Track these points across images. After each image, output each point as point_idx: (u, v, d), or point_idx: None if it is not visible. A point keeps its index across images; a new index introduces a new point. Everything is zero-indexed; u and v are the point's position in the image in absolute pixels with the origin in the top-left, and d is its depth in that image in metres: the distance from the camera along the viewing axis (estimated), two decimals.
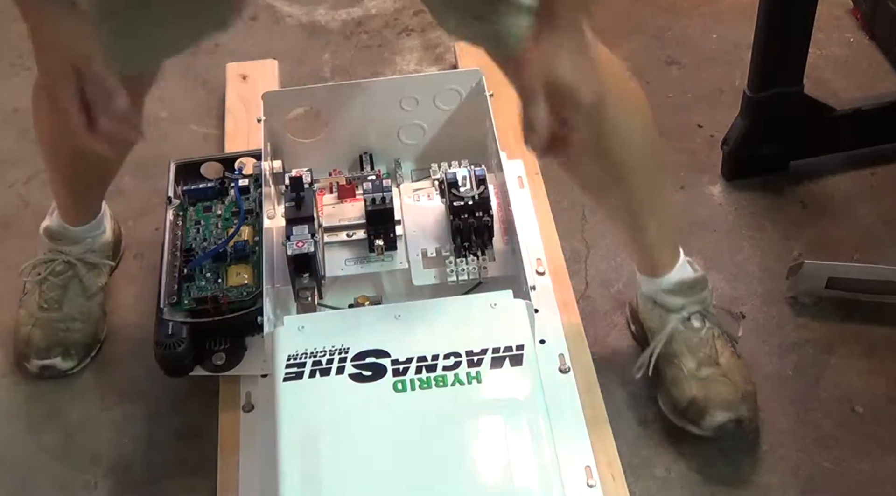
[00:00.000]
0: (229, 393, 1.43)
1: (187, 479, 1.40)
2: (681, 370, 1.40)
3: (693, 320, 1.42)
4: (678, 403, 1.40)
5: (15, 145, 1.87)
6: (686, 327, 1.42)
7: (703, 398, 1.37)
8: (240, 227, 1.47)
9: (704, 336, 1.41)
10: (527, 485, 1.16)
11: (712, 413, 1.37)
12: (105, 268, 1.59)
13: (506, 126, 1.73)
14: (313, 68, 2.00)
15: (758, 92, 1.63)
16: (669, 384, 1.41)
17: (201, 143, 1.85)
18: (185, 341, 1.37)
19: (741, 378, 1.40)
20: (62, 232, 1.55)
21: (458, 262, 1.42)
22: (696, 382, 1.38)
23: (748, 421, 1.38)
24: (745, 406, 1.38)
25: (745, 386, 1.40)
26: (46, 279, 1.54)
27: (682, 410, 1.39)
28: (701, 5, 2.06)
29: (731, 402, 1.37)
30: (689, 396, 1.38)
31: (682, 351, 1.41)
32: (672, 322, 1.42)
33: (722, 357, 1.41)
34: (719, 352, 1.41)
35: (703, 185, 1.72)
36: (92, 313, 1.55)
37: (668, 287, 1.42)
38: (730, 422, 1.37)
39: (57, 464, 1.44)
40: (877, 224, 1.66)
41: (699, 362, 1.40)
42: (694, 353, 1.40)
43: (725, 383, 1.38)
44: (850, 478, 1.37)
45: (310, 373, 1.24)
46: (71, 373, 1.52)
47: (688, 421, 1.39)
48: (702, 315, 1.42)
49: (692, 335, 1.41)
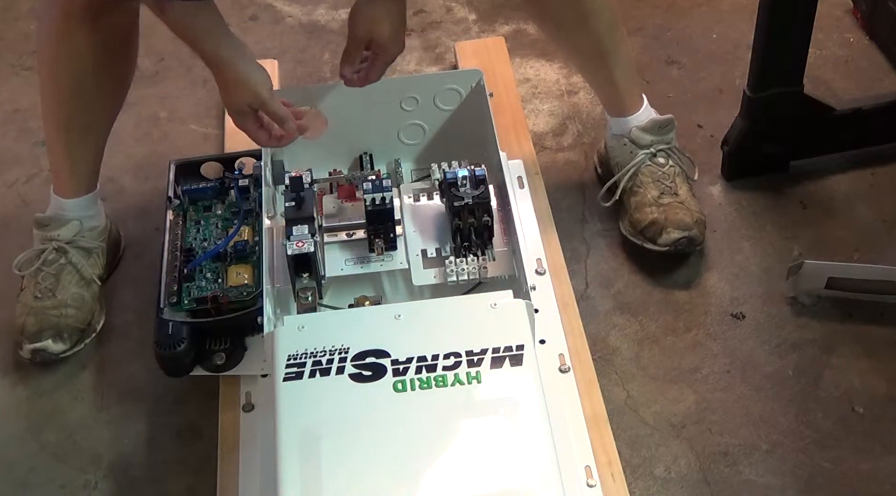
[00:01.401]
0: (229, 393, 1.42)
1: (187, 479, 1.40)
2: (644, 197, 1.60)
3: (659, 156, 1.62)
4: (639, 224, 1.59)
5: (15, 145, 1.87)
6: (652, 162, 1.62)
7: (663, 220, 1.57)
8: (240, 226, 1.47)
9: (668, 171, 1.61)
10: (527, 485, 1.16)
11: (669, 231, 1.56)
12: (100, 257, 1.59)
13: (506, 126, 1.74)
14: (313, 68, 2.00)
15: (758, 92, 1.63)
16: (633, 209, 1.60)
17: (201, 143, 1.85)
18: (185, 341, 1.37)
19: (696, 208, 1.60)
20: (51, 216, 1.56)
21: (458, 262, 1.42)
22: (656, 207, 1.58)
23: (699, 241, 1.58)
24: (697, 228, 1.58)
25: (699, 214, 1.60)
26: (40, 270, 1.54)
27: (641, 230, 1.59)
28: (701, 5, 2.06)
29: (687, 224, 1.57)
30: (650, 219, 1.58)
31: (647, 181, 1.61)
32: (640, 156, 1.62)
33: (681, 190, 1.61)
34: (678, 185, 1.61)
35: (703, 185, 1.72)
36: (86, 300, 1.55)
37: (640, 124, 1.62)
38: (683, 239, 1.56)
39: (57, 464, 1.44)
40: (877, 224, 1.66)
41: (661, 192, 1.60)
42: (657, 184, 1.60)
43: (682, 209, 1.58)
44: (850, 478, 1.37)
45: (310, 373, 1.24)
46: (63, 356, 1.52)
47: (646, 239, 1.58)
48: (667, 153, 1.62)
49: (657, 169, 1.61)
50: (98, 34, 1.44)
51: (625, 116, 1.63)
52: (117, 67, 1.52)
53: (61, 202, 1.57)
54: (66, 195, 1.57)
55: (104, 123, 1.56)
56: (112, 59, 1.49)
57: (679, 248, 1.57)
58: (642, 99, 1.65)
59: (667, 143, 1.63)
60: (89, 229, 1.58)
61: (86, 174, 1.58)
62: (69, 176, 1.57)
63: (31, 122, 1.87)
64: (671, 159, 1.62)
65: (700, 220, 1.59)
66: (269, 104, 1.36)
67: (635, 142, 1.62)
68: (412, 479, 1.16)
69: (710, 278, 1.59)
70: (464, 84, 1.58)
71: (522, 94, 1.87)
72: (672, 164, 1.62)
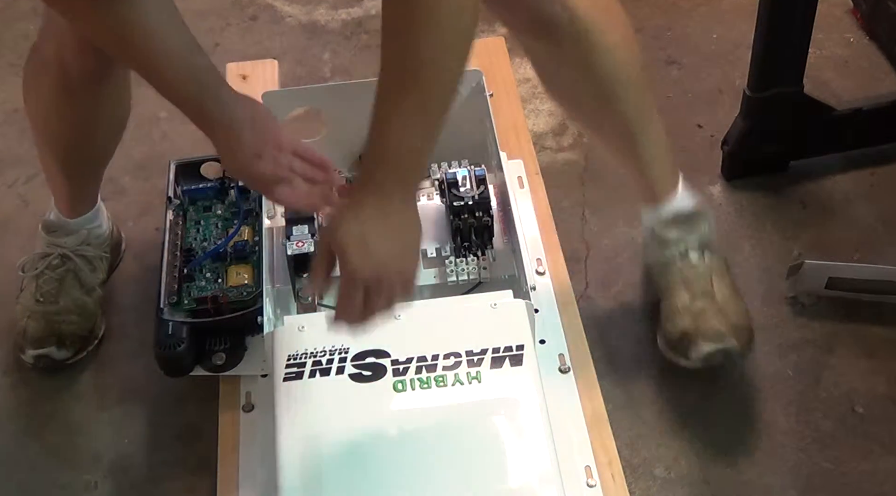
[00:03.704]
0: (229, 393, 1.42)
1: (187, 479, 1.40)
2: (675, 304, 1.40)
3: (690, 254, 1.41)
4: (671, 337, 1.39)
5: (15, 145, 1.87)
6: (682, 262, 1.41)
7: (693, 330, 1.37)
8: (240, 227, 1.47)
9: (702, 271, 1.40)
10: (527, 484, 1.16)
11: (699, 344, 1.36)
12: (102, 264, 1.59)
13: (506, 126, 1.73)
14: (313, 68, 2.00)
15: (758, 92, 1.63)
16: (665, 319, 1.41)
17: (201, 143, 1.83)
18: (185, 341, 1.37)
19: (735, 311, 1.39)
20: (58, 223, 1.56)
21: (458, 262, 1.42)
22: (688, 315, 1.38)
23: (737, 353, 1.37)
24: (736, 337, 1.36)
25: (738, 319, 1.39)
26: (43, 273, 1.54)
27: (674, 344, 1.39)
28: (701, 5, 2.06)
29: (720, 333, 1.36)
30: (680, 329, 1.38)
31: (676, 284, 1.40)
32: (668, 256, 1.42)
33: (719, 290, 1.39)
34: (715, 286, 1.39)
35: (703, 185, 1.72)
36: (88, 307, 1.55)
37: (665, 218, 1.43)
38: (717, 352, 1.36)
39: (57, 464, 1.44)
40: (877, 224, 1.66)
41: (693, 295, 1.39)
42: (689, 287, 1.39)
43: (717, 316, 1.37)
44: (850, 478, 1.37)
45: (310, 373, 1.24)
46: (67, 364, 1.52)
47: (678, 354, 1.39)
48: (700, 249, 1.41)
49: (688, 269, 1.40)
50: (93, 95, 1.38)
51: (652, 206, 1.44)
52: (115, 110, 1.47)
53: (63, 218, 1.56)
54: (68, 215, 1.56)
55: (104, 157, 1.54)
56: (109, 106, 1.45)
57: (715, 363, 1.37)
58: (676, 185, 1.44)
59: (698, 236, 1.43)
60: (94, 237, 1.58)
61: (88, 196, 1.58)
62: (69, 200, 1.55)
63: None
64: (707, 255, 1.41)
65: (740, 326, 1.38)
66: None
67: (660, 239, 1.44)
68: (412, 479, 1.16)
69: None
70: (464, 84, 1.58)
71: (522, 94, 1.87)
72: (708, 259, 1.41)
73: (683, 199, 1.45)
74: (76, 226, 1.56)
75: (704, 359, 1.37)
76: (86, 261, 1.56)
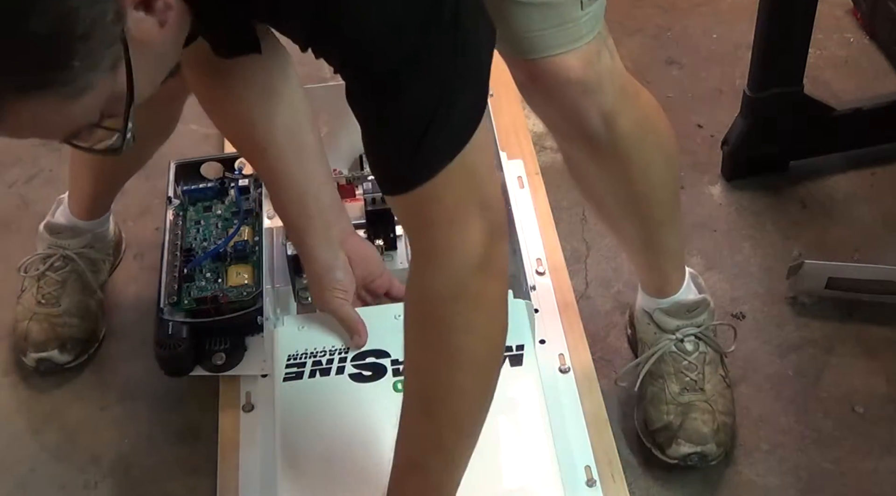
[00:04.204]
0: (229, 393, 1.42)
1: (187, 479, 1.40)
2: (663, 391, 1.37)
3: (686, 343, 1.39)
4: (651, 423, 1.37)
5: (15, 145, 1.86)
6: (678, 349, 1.39)
7: (677, 426, 1.34)
8: (240, 226, 1.47)
9: (695, 360, 1.38)
10: (527, 484, 1.16)
11: (679, 443, 1.34)
12: (104, 266, 1.59)
13: (506, 126, 1.73)
14: (313, 68, 1.99)
15: (758, 92, 1.63)
16: (648, 402, 1.38)
17: (201, 143, 1.85)
18: (185, 341, 1.37)
19: (723, 407, 1.37)
20: (66, 225, 1.56)
21: None
22: (674, 407, 1.35)
23: (714, 455, 1.34)
24: (716, 440, 1.34)
25: (724, 417, 1.36)
26: (45, 275, 1.54)
27: (652, 431, 1.37)
28: (701, 5, 2.06)
29: (702, 436, 1.34)
30: (664, 420, 1.35)
31: (668, 372, 1.38)
32: (663, 342, 1.39)
33: (708, 383, 1.37)
34: (706, 378, 1.37)
35: (703, 185, 1.72)
36: (90, 310, 1.55)
37: (665, 307, 1.40)
38: (694, 454, 1.34)
39: (57, 464, 1.44)
40: (877, 224, 1.66)
41: (683, 387, 1.36)
42: (679, 377, 1.37)
43: (703, 413, 1.35)
44: (850, 478, 1.37)
45: (310, 373, 1.24)
46: (68, 367, 1.52)
47: (654, 444, 1.36)
48: (696, 338, 1.39)
49: (682, 358, 1.38)
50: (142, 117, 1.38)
51: (653, 297, 1.42)
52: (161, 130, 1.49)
53: (76, 220, 1.57)
54: (83, 217, 1.56)
55: (137, 168, 1.56)
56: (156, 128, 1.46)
57: (689, 464, 1.35)
58: (682, 283, 1.41)
59: (697, 326, 1.40)
60: (99, 240, 1.58)
61: (107, 202, 1.59)
62: (89, 205, 1.56)
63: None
64: (702, 344, 1.39)
65: (723, 426, 1.35)
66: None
67: (659, 325, 1.40)
68: None
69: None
70: None
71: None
72: (701, 350, 1.39)
73: (688, 290, 1.41)
74: (85, 228, 1.56)
75: (681, 458, 1.34)
76: (89, 262, 1.56)
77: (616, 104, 1.17)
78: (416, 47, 0.85)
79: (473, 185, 0.93)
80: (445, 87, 0.87)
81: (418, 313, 1.00)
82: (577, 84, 1.13)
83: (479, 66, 0.89)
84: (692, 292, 1.42)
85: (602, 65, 1.14)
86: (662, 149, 1.28)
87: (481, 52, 0.89)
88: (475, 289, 0.95)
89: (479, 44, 0.89)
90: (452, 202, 0.92)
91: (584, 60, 1.12)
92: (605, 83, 1.15)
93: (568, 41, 1.10)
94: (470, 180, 0.92)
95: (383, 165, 0.93)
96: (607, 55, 1.15)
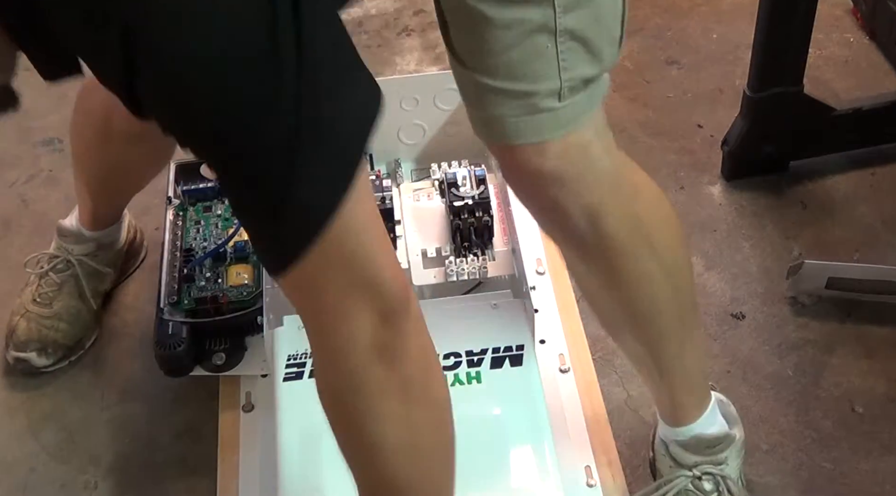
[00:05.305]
0: (229, 393, 1.43)
1: (187, 479, 1.40)
2: None
3: (704, 481, 1.25)
4: None
5: (15, 145, 1.87)
6: (694, 487, 1.25)
7: None
8: (240, 226, 1.47)
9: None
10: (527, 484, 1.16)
11: None
12: (105, 277, 1.58)
13: None
14: None
15: (758, 92, 1.63)
16: None
17: None
18: (185, 341, 1.37)
19: None
20: (72, 230, 1.55)
21: (458, 262, 1.42)
22: None
23: None
24: None
25: None
26: (47, 274, 1.54)
27: None
28: (701, 5, 2.06)
29: None
30: None
31: None
32: (678, 479, 1.25)
33: None
34: None
35: (703, 185, 1.72)
36: (80, 317, 1.54)
37: (682, 440, 1.26)
38: None
39: (57, 464, 1.44)
40: (877, 224, 1.66)
41: None
42: None
43: None
44: (850, 478, 1.37)
45: (310, 373, 1.24)
46: (45, 371, 1.51)
47: None
48: (715, 479, 1.25)
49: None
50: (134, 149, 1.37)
51: (670, 427, 1.27)
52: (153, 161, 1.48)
53: (81, 227, 1.56)
54: (87, 226, 1.55)
55: (136, 190, 1.55)
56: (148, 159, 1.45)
57: None
58: (703, 409, 1.25)
59: (717, 463, 1.25)
60: (103, 250, 1.57)
61: (111, 216, 1.57)
62: (91, 217, 1.55)
63: (31, 122, 1.87)
64: (720, 488, 1.24)
65: None
66: None
67: (675, 459, 1.26)
68: None
69: (710, 278, 1.59)
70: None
71: None
72: (721, 492, 1.25)
73: (710, 422, 1.26)
74: (90, 237, 1.56)
75: None
76: (90, 270, 1.56)
77: (604, 201, 1.06)
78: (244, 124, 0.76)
79: (355, 268, 0.84)
80: (286, 165, 0.77)
81: (327, 407, 0.92)
82: (551, 176, 1.02)
83: (339, 137, 0.79)
84: (715, 425, 1.26)
85: (588, 158, 1.03)
86: (662, 261, 1.13)
87: (345, 120, 0.79)
88: (376, 379, 0.87)
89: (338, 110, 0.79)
90: (332, 289, 0.84)
91: (561, 152, 1.01)
92: (587, 177, 1.04)
93: (544, 130, 0.99)
94: (348, 264, 0.83)
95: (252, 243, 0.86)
96: (598, 148, 1.04)
